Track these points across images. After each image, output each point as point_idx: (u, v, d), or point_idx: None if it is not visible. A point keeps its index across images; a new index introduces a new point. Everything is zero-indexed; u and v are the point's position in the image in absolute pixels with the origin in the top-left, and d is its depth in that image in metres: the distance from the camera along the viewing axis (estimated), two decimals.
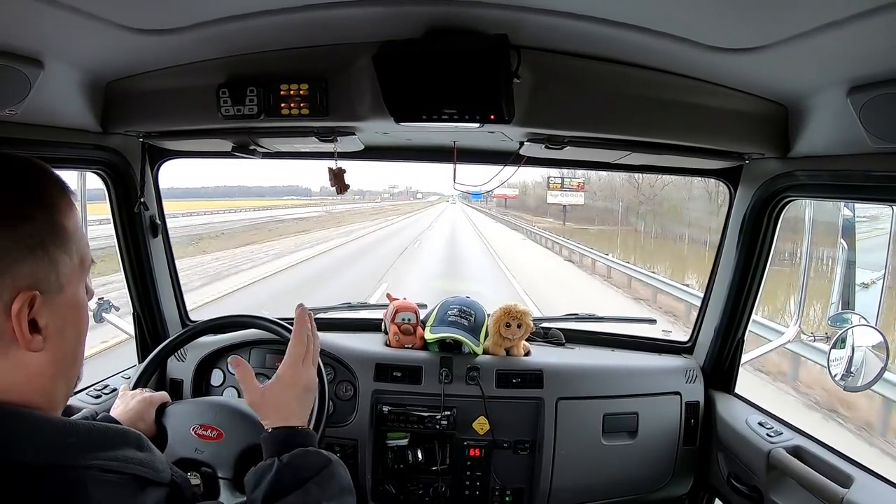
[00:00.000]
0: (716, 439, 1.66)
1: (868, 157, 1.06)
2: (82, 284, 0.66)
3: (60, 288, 0.61)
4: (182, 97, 1.31)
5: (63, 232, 0.61)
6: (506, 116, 1.18)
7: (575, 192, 17.99)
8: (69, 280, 0.62)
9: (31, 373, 0.59)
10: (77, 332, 0.65)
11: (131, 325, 1.75)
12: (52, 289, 0.60)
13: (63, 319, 0.62)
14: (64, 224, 0.61)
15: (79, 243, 0.64)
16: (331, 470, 0.84)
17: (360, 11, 1.05)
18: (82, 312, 0.66)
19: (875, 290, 1.47)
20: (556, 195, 17.96)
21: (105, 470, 0.59)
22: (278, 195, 59.59)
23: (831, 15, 0.80)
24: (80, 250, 0.64)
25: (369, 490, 1.67)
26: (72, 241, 0.62)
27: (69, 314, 0.63)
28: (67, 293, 0.62)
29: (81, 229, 0.66)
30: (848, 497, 1.18)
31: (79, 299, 0.65)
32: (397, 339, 1.77)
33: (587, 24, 1.03)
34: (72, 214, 0.63)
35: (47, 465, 0.55)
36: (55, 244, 0.60)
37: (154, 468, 0.64)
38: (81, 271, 0.65)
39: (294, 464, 0.83)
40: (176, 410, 1.23)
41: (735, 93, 1.24)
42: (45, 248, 0.59)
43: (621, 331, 2.01)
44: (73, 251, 0.62)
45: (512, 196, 33.68)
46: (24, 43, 0.97)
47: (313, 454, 0.86)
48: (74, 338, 0.65)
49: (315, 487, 0.80)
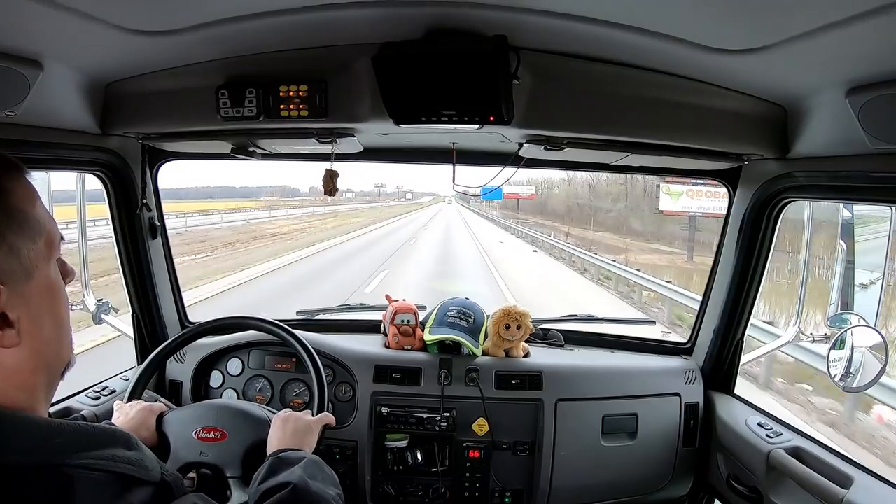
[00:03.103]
0: (715, 440, 1.66)
1: (867, 157, 1.07)
2: (52, 265, 0.63)
3: (28, 275, 0.58)
4: (181, 99, 1.31)
5: (20, 216, 0.58)
6: (505, 118, 1.18)
7: (705, 197, 11.54)
8: (36, 265, 0.59)
9: (8, 370, 0.57)
10: (55, 317, 0.62)
11: (130, 326, 1.75)
12: (17, 278, 0.57)
13: (37, 307, 0.59)
14: (19, 207, 0.58)
15: (42, 224, 0.61)
16: (314, 460, 1.01)
17: (359, 13, 1.05)
18: (58, 295, 0.63)
19: (874, 291, 1.48)
20: (681, 198, 11.41)
21: (90, 468, 0.57)
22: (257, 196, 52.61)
23: (830, 16, 0.80)
24: (46, 231, 0.61)
25: (369, 491, 1.66)
26: (32, 224, 0.59)
27: (43, 300, 0.60)
28: (36, 278, 0.59)
29: (42, 207, 0.62)
30: (847, 498, 1.18)
31: (51, 282, 0.62)
32: (396, 341, 1.77)
33: (586, 25, 1.03)
34: (26, 193, 0.60)
35: (34, 466, 0.54)
36: (12, 231, 0.57)
37: (143, 467, 0.63)
38: (49, 252, 0.62)
39: (283, 458, 1.01)
40: (176, 417, 1.23)
41: (734, 94, 1.24)
42: (2, 237, 0.56)
43: (620, 332, 2.01)
44: (35, 234, 0.59)
45: (527, 196, 28.04)
46: (23, 44, 0.97)
47: (299, 453, 1.05)
48: (53, 323, 0.62)
49: (299, 469, 0.95)
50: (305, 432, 1.15)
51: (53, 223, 0.63)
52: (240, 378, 1.73)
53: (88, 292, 1.74)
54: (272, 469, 0.97)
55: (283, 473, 0.94)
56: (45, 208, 0.63)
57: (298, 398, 1.71)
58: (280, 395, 1.72)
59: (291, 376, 1.72)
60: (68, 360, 0.66)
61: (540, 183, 32.06)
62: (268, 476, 0.96)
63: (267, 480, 0.94)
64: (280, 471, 0.96)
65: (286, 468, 0.96)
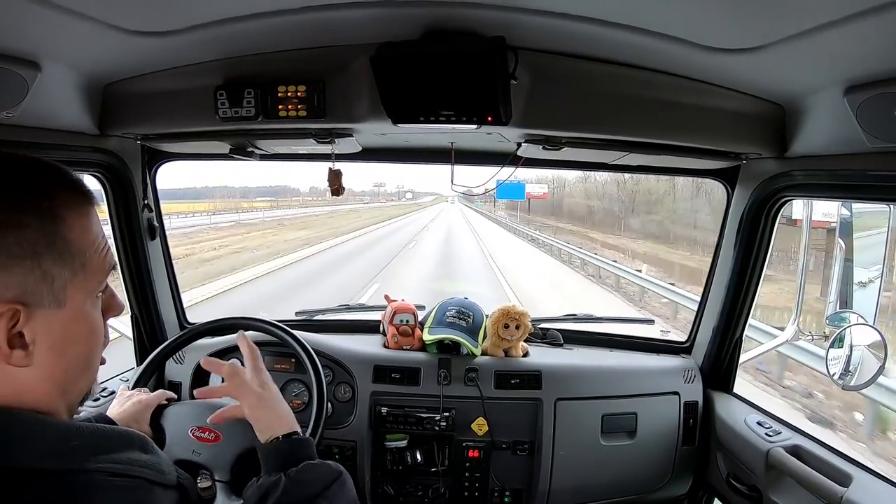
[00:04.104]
0: (715, 439, 1.67)
1: (865, 156, 1.07)
2: (92, 298, 0.60)
3: (59, 302, 0.56)
4: (179, 99, 1.31)
5: (63, 244, 0.56)
6: (503, 118, 1.18)
7: None
8: (72, 295, 0.57)
9: (20, 389, 0.56)
10: (82, 351, 0.60)
11: (129, 327, 1.75)
12: (43, 303, 0.55)
13: (62, 336, 0.57)
14: (65, 235, 0.56)
15: (90, 255, 0.59)
16: (340, 482, 0.84)
17: (357, 13, 1.05)
18: (89, 329, 0.61)
19: (873, 289, 1.48)
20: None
21: (112, 473, 0.56)
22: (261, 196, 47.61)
23: (828, 15, 0.81)
24: (93, 262, 0.59)
25: (368, 492, 1.66)
26: (75, 254, 0.57)
27: (72, 331, 0.58)
28: (68, 309, 0.57)
29: (96, 238, 0.60)
30: (847, 496, 1.18)
31: (86, 315, 0.60)
32: (395, 341, 1.77)
33: (584, 25, 1.03)
34: (80, 224, 0.58)
35: (51, 470, 0.53)
36: (51, 258, 0.55)
37: (160, 470, 0.62)
38: (90, 285, 0.60)
39: (301, 479, 0.83)
40: (175, 412, 1.23)
41: (732, 93, 1.24)
42: (37, 260, 0.54)
43: (619, 331, 2.01)
44: (77, 264, 0.57)
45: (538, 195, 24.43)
46: (21, 45, 0.97)
47: (322, 468, 0.86)
48: (76, 356, 0.60)
49: (324, 503, 0.80)
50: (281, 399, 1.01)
51: (105, 254, 0.61)
52: None
53: None
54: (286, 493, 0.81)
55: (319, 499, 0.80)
56: (100, 236, 0.61)
57: (298, 398, 1.71)
58: None
59: (291, 377, 1.72)
60: (88, 390, 0.64)
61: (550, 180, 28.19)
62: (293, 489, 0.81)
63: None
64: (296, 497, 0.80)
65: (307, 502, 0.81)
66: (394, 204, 64.30)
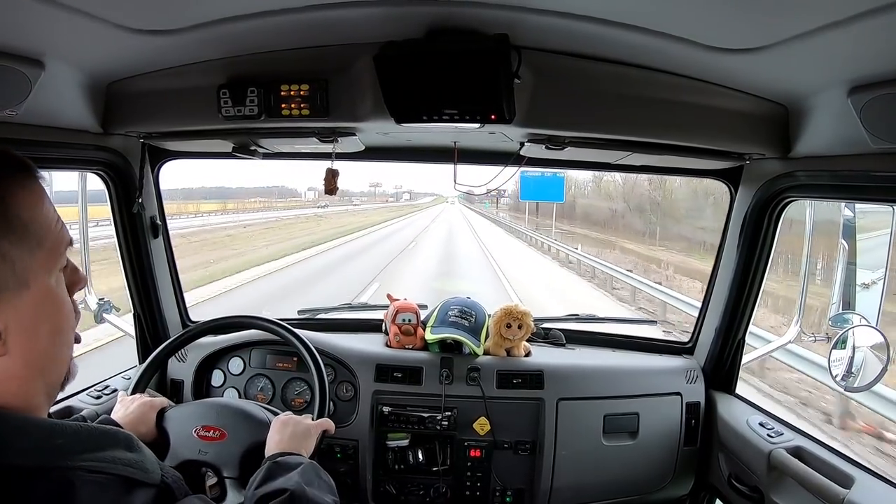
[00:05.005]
0: (716, 440, 1.66)
1: (869, 157, 1.06)
2: (55, 274, 0.60)
3: (22, 284, 0.56)
4: (182, 98, 1.31)
5: (18, 224, 0.56)
6: (506, 117, 1.18)
7: None
8: (34, 274, 0.57)
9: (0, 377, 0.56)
10: (54, 328, 0.60)
11: (132, 325, 1.76)
12: (9, 287, 0.55)
13: (31, 318, 0.57)
14: (19, 214, 0.56)
15: (45, 231, 0.58)
16: (312, 466, 1.00)
17: (360, 12, 1.05)
18: (57, 306, 0.61)
19: (876, 291, 1.47)
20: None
21: (91, 471, 0.57)
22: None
23: (832, 15, 0.80)
24: (49, 238, 0.59)
25: (370, 491, 1.66)
26: (32, 232, 0.57)
27: (39, 311, 0.58)
28: (33, 289, 0.57)
29: (49, 211, 0.60)
30: (849, 498, 1.18)
31: (51, 292, 0.60)
32: (398, 340, 1.77)
33: (588, 24, 1.03)
34: (31, 202, 0.58)
35: (34, 468, 0.54)
36: (8, 240, 0.55)
37: (143, 469, 0.62)
38: (52, 261, 0.59)
39: (280, 462, 1.00)
40: (177, 413, 1.23)
41: (735, 93, 1.24)
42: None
43: (622, 331, 2.01)
44: (34, 243, 0.57)
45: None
46: (24, 43, 0.97)
47: (297, 458, 1.04)
48: (50, 334, 0.60)
49: (296, 475, 0.94)
50: (304, 436, 1.15)
51: (60, 228, 0.61)
52: (241, 377, 1.73)
53: (90, 291, 1.75)
54: (269, 473, 0.97)
55: (280, 479, 0.94)
56: (52, 211, 0.61)
57: (300, 397, 1.71)
58: (281, 395, 1.72)
59: (293, 375, 1.72)
60: (68, 370, 0.64)
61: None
62: (265, 480, 0.95)
63: (264, 485, 0.93)
64: (277, 476, 0.95)
65: (283, 473, 0.96)
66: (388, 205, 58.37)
